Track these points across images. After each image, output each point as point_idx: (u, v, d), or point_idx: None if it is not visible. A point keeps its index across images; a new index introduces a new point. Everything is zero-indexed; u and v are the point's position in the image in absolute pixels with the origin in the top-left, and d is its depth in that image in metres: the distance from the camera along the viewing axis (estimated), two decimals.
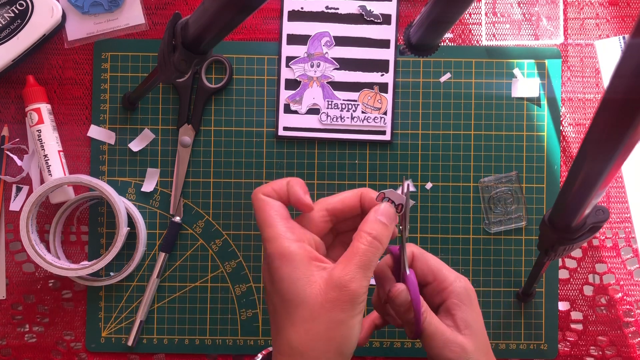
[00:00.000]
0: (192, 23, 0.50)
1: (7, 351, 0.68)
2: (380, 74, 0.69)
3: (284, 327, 0.42)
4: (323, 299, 0.41)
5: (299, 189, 0.45)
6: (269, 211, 0.44)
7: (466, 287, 0.50)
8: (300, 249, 0.42)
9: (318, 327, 0.40)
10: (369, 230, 0.43)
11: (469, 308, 0.50)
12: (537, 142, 0.69)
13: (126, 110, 0.69)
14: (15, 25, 0.65)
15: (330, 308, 0.40)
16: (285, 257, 0.42)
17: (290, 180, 0.45)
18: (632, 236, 0.69)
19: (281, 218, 0.44)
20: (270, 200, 0.45)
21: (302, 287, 0.41)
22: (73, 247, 0.69)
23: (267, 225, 0.43)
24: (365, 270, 0.42)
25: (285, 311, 0.42)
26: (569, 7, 0.70)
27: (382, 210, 0.45)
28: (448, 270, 0.51)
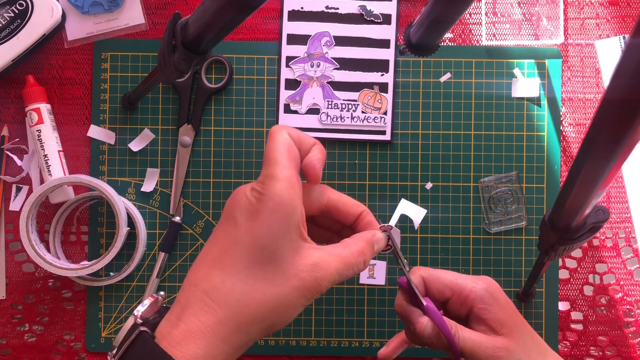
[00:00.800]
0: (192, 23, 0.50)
1: (7, 351, 0.68)
2: (380, 74, 0.69)
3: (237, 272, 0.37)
4: (294, 273, 0.37)
5: (320, 156, 0.42)
6: (285, 152, 0.39)
7: (486, 288, 0.50)
8: (299, 207, 0.39)
9: (274, 293, 0.37)
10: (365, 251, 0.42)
11: (496, 307, 0.50)
12: (537, 142, 0.69)
13: (126, 110, 0.69)
14: (15, 25, 0.65)
15: (295, 286, 0.37)
16: (283, 207, 0.38)
17: (318, 145, 0.42)
18: (632, 236, 0.69)
19: (294, 166, 0.39)
20: (292, 143, 0.40)
21: (284, 246, 0.37)
22: (73, 247, 0.69)
23: (277, 163, 0.38)
24: (340, 277, 0.40)
25: (251, 257, 0.37)
26: (569, 7, 0.70)
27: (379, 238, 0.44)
28: (463, 278, 0.51)
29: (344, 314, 0.68)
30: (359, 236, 0.43)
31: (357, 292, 0.68)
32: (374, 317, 0.68)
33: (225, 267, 0.38)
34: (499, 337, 0.49)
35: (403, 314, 0.50)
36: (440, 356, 0.68)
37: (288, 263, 0.38)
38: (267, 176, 0.38)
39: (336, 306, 0.68)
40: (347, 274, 0.40)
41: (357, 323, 0.68)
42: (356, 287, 0.68)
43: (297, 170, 0.40)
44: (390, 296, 0.68)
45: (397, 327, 0.68)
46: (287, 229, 0.38)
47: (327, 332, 0.68)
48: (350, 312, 0.68)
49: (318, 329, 0.68)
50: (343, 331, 0.68)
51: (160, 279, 0.68)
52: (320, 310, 0.68)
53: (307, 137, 0.42)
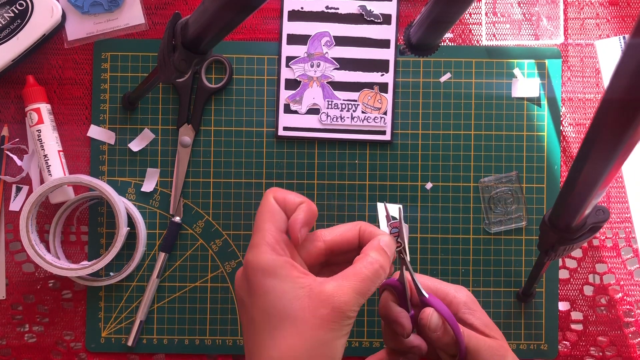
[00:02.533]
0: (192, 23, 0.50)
1: (7, 351, 0.68)
2: (380, 74, 0.69)
3: (264, 343, 0.38)
4: (311, 315, 0.38)
5: (302, 217, 0.42)
6: (268, 218, 0.41)
7: (468, 294, 0.50)
8: (285, 262, 0.40)
9: (303, 344, 0.37)
10: (377, 258, 0.41)
11: (480, 312, 0.50)
12: (537, 142, 0.69)
13: (126, 110, 0.69)
14: (15, 25, 0.65)
15: (318, 326, 0.38)
16: (268, 269, 0.39)
17: (304, 204, 0.43)
18: (633, 236, 0.69)
19: (276, 229, 0.41)
20: (276, 207, 0.42)
21: (289, 301, 0.38)
22: (73, 247, 0.69)
23: (260, 230, 0.41)
24: (361, 296, 0.40)
25: (267, 326, 0.38)
26: (569, 7, 0.70)
27: (387, 241, 0.43)
28: (445, 285, 0.50)
29: None
30: (365, 249, 0.43)
31: None
32: (374, 317, 0.68)
33: (256, 344, 0.39)
34: (495, 339, 0.49)
35: (389, 316, 0.48)
36: None
37: (301, 310, 0.38)
38: (250, 247, 0.41)
39: None
40: (369, 288, 0.40)
41: (357, 323, 0.68)
42: None
43: (281, 231, 0.42)
44: None
45: None
46: (283, 284, 0.39)
47: None
48: None
49: None
50: None
51: (160, 279, 0.68)
52: None
53: (293, 196, 0.43)
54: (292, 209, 0.43)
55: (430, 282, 0.51)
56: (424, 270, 0.68)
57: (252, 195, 0.69)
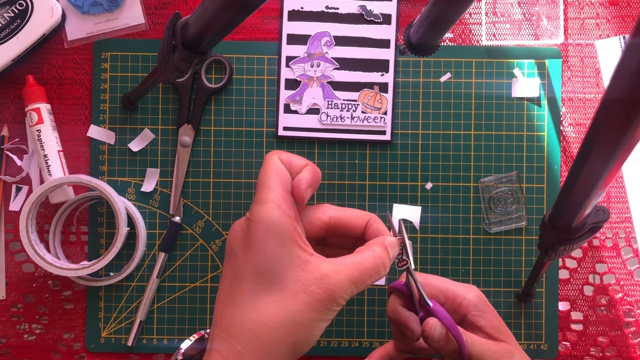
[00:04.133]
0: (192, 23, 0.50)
1: (7, 351, 0.68)
2: (380, 74, 0.69)
3: (244, 302, 0.37)
4: (301, 289, 0.37)
5: (308, 177, 0.41)
6: (275, 176, 0.40)
7: (478, 295, 0.49)
8: (291, 225, 0.38)
9: (284, 315, 0.36)
10: (382, 254, 0.40)
11: (490, 314, 0.49)
12: (537, 142, 0.69)
13: (126, 110, 0.69)
14: (15, 25, 0.65)
15: (306, 302, 0.36)
16: (274, 228, 0.37)
17: (309, 166, 0.42)
18: (633, 236, 0.68)
19: (283, 188, 0.40)
20: (282, 167, 0.41)
21: (284, 266, 0.37)
22: (73, 247, 0.69)
23: (266, 187, 0.39)
24: (356, 286, 0.39)
25: (253, 285, 0.37)
26: (569, 7, 0.70)
27: (393, 243, 0.43)
28: (455, 285, 0.50)
29: (344, 314, 0.68)
30: (371, 242, 0.42)
31: None
32: (374, 317, 0.68)
33: (235, 301, 0.37)
34: (500, 342, 0.48)
35: (398, 320, 0.47)
36: None
37: (293, 280, 0.37)
38: (256, 201, 0.39)
39: None
40: (365, 281, 0.39)
41: (357, 323, 0.68)
42: None
43: (288, 191, 0.40)
44: None
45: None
46: (283, 248, 0.37)
47: (327, 332, 0.68)
48: (350, 312, 0.68)
49: None
50: (343, 331, 0.68)
51: (160, 279, 0.68)
52: None
53: (298, 159, 0.42)
54: (297, 170, 0.42)
55: (439, 282, 0.50)
56: (423, 270, 0.68)
57: (252, 195, 0.68)
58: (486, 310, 0.49)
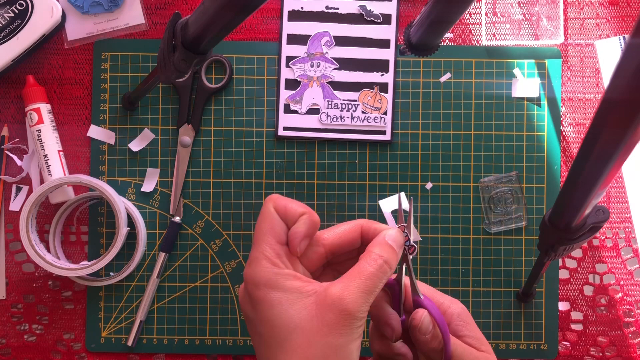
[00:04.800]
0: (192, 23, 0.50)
1: (7, 351, 0.68)
2: (380, 74, 0.69)
3: (276, 356, 0.37)
4: (319, 323, 0.37)
5: (303, 230, 0.41)
6: (266, 227, 0.40)
7: (462, 308, 0.48)
8: (286, 274, 0.39)
9: (314, 353, 0.36)
10: (380, 253, 0.40)
11: (472, 325, 0.47)
12: (537, 142, 0.69)
13: (126, 110, 0.69)
14: (15, 25, 0.65)
15: (328, 332, 0.36)
16: (271, 283, 0.38)
17: (305, 216, 0.41)
18: (632, 236, 0.69)
19: (277, 242, 0.40)
20: (276, 217, 0.41)
21: (295, 311, 0.37)
22: (73, 247, 0.69)
23: (257, 242, 0.40)
24: (369, 295, 0.38)
25: (276, 340, 0.37)
26: (569, 7, 0.70)
27: (393, 235, 0.42)
28: (441, 295, 0.48)
29: None
30: (369, 246, 0.42)
31: None
32: None
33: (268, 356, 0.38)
34: (483, 352, 0.47)
35: (380, 316, 0.45)
36: None
37: (311, 318, 0.37)
38: (250, 260, 0.39)
39: None
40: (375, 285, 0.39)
41: None
42: None
43: (282, 243, 0.40)
44: None
45: None
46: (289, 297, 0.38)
47: None
48: None
49: None
50: None
51: (160, 279, 0.68)
52: None
53: (296, 205, 0.41)
54: (293, 218, 0.41)
55: (428, 290, 0.48)
56: (424, 270, 0.68)
57: (252, 195, 0.69)
58: (469, 321, 0.48)
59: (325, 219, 0.68)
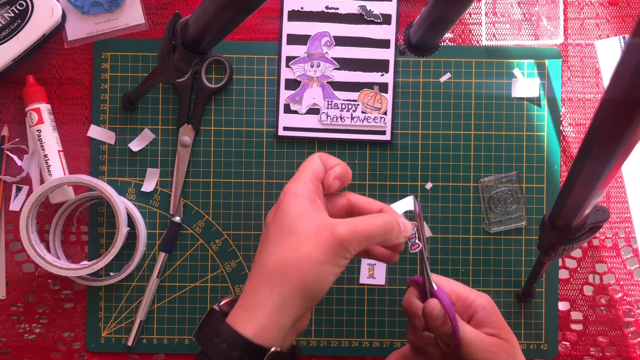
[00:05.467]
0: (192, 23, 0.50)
1: (7, 351, 0.68)
2: (380, 74, 0.69)
3: (267, 250, 0.44)
4: (313, 236, 0.43)
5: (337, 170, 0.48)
6: (310, 166, 0.47)
7: (490, 301, 0.52)
8: (311, 195, 0.45)
9: (297, 256, 0.42)
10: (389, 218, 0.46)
11: (497, 317, 0.51)
12: (537, 142, 0.69)
13: (126, 110, 0.69)
14: (15, 25, 0.65)
15: (315, 245, 0.42)
16: (297, 195, 0.45)
17: (341, 164, 0.49)
18: (632, 236, 0.69)
19: (314, 175, 0.47)
20: (318, 162, 0.48)
21: (301, 220, 0.44)
22: (73, 247, 0.69)
23: (301, 172, 0.47)
24: (363, 238, 0.44)
25: (277, 238, 0.44)
26: (569, 7, 0.70)
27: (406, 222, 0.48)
28: (470, 290, 0.52)
29: (344, 314, 0.68)
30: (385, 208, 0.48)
31: (357, 292, 0.68)
32: (374, 317, 0.68)
33: (262, 253, 0.45)
34: (494, 337, 0.50)
35: (409, 309, 0.51)
36: None
37: (308, 230, 0.43)
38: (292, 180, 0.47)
39: (336, 306, 0.68)
40: (371, 233, 0.44)
41: (357, 323, 0.68)
42: (356, 287, 0.68)
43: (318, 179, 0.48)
44: (390, 296, 0.68)
45: (397, 327, 0.68)
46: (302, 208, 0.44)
47: (327, 332, 0.68)
48: (350, 312, 0.68)
49: (318, 329, 0.68)
50: (343, 331, 0.68)
51: (160, 279, 0.68)
52: (320, 310, 0.68)
53: (333, 159, 0.49)
54: (331, 166, 0.49)
55: (456, 285, 0.52)
56: None
57: (252, 195, 0.69)
58: (493, 313, 0.51)
59: None
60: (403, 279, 0.68)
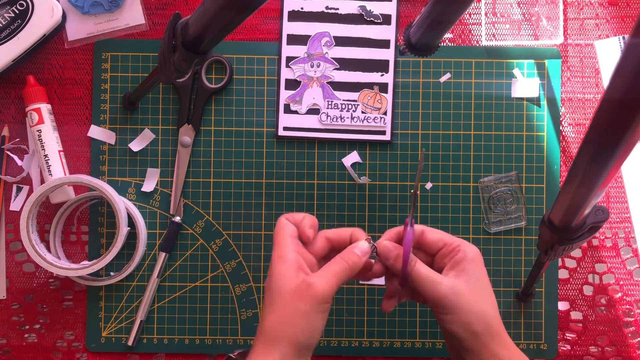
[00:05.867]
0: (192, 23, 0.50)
1: (7, 351, 0.68)
2: (380, 74, 0.69)
3: (264, 314, 0.50)
4: (294, 292, 0.49)
5: (307, 221, 0.54)
6: (285, 231, 0.53)
7: (475, 249, 0.53)
8: (295, 257, 0.51)
9: (286, 313, 0.49)
10: (346, 258, 0.52)
11: (474, 262, 0.52)
12: (537, 142, 0.69)
13: (126, 110, 0.69)
14: (16, 25, 0.66)
15: (297, 299, 0.49)
16: (282, 259, 0.51)
17: (307, 215, 0.54)
18: (632, 236, 0.69)
19: (291, 237, 0.53)
20: (287, 223, 0.53)
21: (285, 282, 0.50)
22: (73, 247, 0.69)
23: (278, 242, 0.52)
24: (334, 282, 0.50)
25: (268, 301, 0.50)
26: (568, 7, 0.70)
27: (359, 246, 0.53)
28: (457, 238, 0.54)
29: (344, 314, 0.68)
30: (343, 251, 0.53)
31: (357, 292, 0.69)
32: (374, 317, 0.68)
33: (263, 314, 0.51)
34: (452, 279, 0.51)
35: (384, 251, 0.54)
36: (441, 356, 0.68)
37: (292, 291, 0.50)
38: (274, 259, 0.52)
39: (336, 306, 0.68)
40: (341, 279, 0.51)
41: (357, 323, 0.68)
42: (356, 287, 0.69)
43: (295, 237, 0.53)
44: None
45: (397, 327, 0.68)
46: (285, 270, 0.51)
47: (327, 332, 0.68)
48: (350, 312, 0.68)
49: None
50: (343, 331, 0.68)
51: (161, 279, 0.68)
52: None
53: (297, 214, 0.54)
54: (298, 220, 0.54)
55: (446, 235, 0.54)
56: None
57: (252, 195, 0.69)
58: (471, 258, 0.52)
59: (325, 218, 0.68)
60: None
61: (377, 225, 0.68)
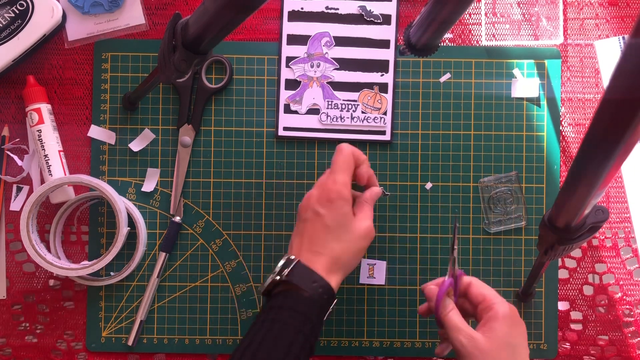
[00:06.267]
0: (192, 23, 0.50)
1: (8, 351, 0.68)
2: (380, 74, 0.69)
3: (329, 243, 0.57)
4: (361, 234, 0.58)
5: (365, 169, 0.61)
6: (350, 163, 0.59)
7: (511, 307, 0.55)
8: (350, 197, 0.59)
9: (352, 246, 0.58)
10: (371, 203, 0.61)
11: (503, 321, 0.54)
12: (537, 142, 0.69)
13: (126, 110, 0.69)
14: (16, 25, 0.66)
15: (362, 241, 0.58)
16: (348, 201, 0.58)
17: (366, 162, 0.61)
18: (632, 236, 0.69)
19: (350, 172, 0.59)
20: (352, 159, 0.59)
21: (353, 222, 0.58)
22: (73, 247, 0.69)
23: (344, 171, 0.59)
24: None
25: (336, 231, 0.57)
26: (568, 7, 0.70)
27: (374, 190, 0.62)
28: (497, 296, 0.56)
29: (344, 314, 0.68)
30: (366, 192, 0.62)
31: (357, 292, 0.69)
32: (374, 317, 0.68)
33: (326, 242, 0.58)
34: (477, 332, 0.54)
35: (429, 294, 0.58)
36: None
37: (356, 229, 0.58)
38: (335, 180, 0.58)
39: (336, 306, 0.68)
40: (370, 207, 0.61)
41: (357, 323, 0.68)
42: (356, 287, 0.69)
43: (351, 171, 0.60)
44: (390, 296, 0.68)
45: (396, 327, 0.68)
46: (346, 211, 0.58)
47: (327, 332, 0.68)
48: (350, 312, 0.68)
49: None
50: (343, 331, 0.68)
51: (161, 279, 0.68)
52: None
53: (359, 153, 0.61)
54: (360, 160, 0.61)
55: (488, 290, 0.57)
56: (423, 270, 0.68)
57: (252, 195, 0.69)
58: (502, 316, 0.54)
59: None
60: (403, 279, 0.68)
61: (376, 225, 0.68)
